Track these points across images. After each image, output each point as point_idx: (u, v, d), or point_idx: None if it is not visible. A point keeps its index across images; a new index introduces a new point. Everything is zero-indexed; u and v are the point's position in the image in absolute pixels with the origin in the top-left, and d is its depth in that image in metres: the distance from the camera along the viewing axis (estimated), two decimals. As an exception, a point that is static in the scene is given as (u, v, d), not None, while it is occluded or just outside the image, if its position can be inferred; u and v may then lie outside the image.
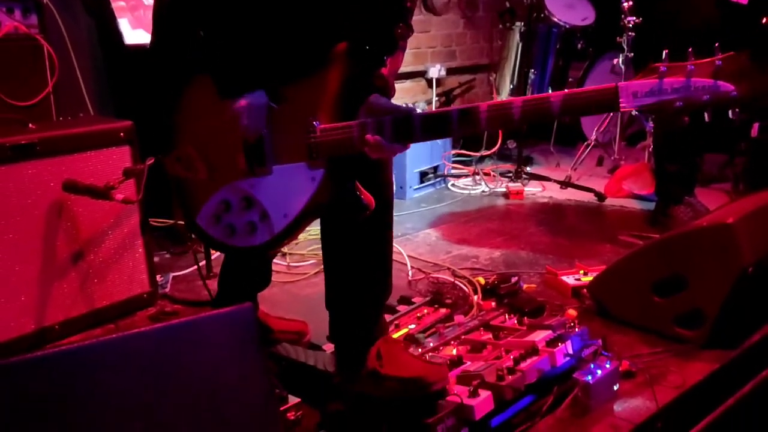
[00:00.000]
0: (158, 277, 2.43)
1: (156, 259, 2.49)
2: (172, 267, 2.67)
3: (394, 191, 1.84)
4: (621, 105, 1.30)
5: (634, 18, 3.78)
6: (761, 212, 2.05)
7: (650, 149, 3.88)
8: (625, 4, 3.81)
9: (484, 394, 1.60)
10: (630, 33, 3.81)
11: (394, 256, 1.83)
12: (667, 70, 1.28)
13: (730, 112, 1.29)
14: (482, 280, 2.42)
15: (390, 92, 1.57)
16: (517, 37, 4.41)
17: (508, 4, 4.59)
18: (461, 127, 1.42)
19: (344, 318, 1.74)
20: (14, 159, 1.96)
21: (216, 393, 1.21)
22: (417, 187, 3.81)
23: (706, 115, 1.29)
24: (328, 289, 1.74)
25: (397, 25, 1.60)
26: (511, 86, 4.43)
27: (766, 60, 1.30)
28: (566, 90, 1.37)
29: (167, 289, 2.48)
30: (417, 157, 3.76)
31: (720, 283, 1.90)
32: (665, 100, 1.29)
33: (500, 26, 4.70)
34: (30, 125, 2.16)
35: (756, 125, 3.29)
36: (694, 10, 2.77)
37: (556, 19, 4.39)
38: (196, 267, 2.47)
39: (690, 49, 1.28)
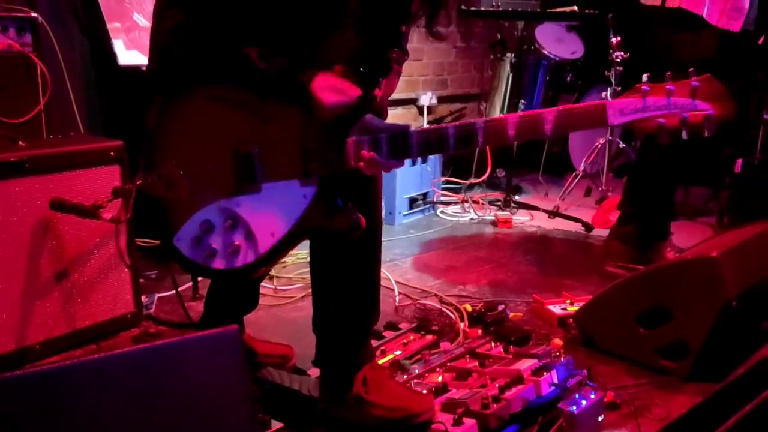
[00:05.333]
0: (143, 298, 2.40)
1: (141, 279, 2.47)
2: (157, 288, 2.64)
3: (383, 217, 1.83)
4: (609, 119, 1.40)
5: (622, 53, 3.90)
6: (745, 246, 2.08)
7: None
8: (614, 40, 3.93)
9: (469, 422, 1.59)
10: (618, 67, 3.91)
11: (382, 282, 1.83)
12: (649, 90, 1.39)
13: (705, 131, 1.38)
14: (469, 308, 2.42)
15: (383, 114, 1.57)
16: (508, 67, 4.49)
17: (499, 36, 4.68)
18: (458, 143, 1.44)
19: (331, 341, 1.73)
20: (2, 176, 1.94)
21: (198, 415, 1.19)
22: (406, 213, 3.82)
23: (684, 133, 1.38)
24: (315, 311, 1.73)
25: (391, 48, 1.61)
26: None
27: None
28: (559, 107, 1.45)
29: (152, 310, 2.46)
30: (406, 183, 3.78)
31: (704, 315, 1.92)
32: (648, 116, 1.39)
33: (491, 57, 4.78)
34: (20, 143, 2.16)
35: (739, 161, 3.34)
36: (686, 45, 2.81)
37: (546, 52, 4.49)
38: (181, 288, 2.47)
39: (668, 73, 1.39)
